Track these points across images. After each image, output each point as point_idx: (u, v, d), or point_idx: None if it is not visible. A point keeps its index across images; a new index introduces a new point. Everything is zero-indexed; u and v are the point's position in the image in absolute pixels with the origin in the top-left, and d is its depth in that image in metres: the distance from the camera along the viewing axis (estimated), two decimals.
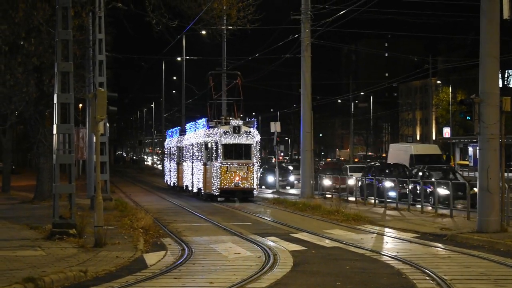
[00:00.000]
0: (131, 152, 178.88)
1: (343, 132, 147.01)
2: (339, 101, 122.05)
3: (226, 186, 38.36)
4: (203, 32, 45.88)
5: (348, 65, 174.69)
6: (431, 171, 36.71)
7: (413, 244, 20.56)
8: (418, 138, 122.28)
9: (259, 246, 19.53)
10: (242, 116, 42.79)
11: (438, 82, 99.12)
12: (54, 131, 20.45)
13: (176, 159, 51.14)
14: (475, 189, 24.41)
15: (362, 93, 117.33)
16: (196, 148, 42.61)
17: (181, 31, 38.57)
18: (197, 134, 43.01)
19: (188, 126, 48.26)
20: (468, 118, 22.99)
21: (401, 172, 40.21)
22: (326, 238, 21.68)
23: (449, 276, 14.63)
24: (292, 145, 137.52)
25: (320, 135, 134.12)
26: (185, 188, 46.79)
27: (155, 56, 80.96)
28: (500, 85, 26.76)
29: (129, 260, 16.76)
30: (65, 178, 20.99)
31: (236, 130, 38.79)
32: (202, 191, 40.74)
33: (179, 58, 78.47)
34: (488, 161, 21.77)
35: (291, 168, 58.55)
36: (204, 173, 40.21)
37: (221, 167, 38.29)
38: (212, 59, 64.20)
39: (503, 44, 22.59)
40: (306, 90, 40.60)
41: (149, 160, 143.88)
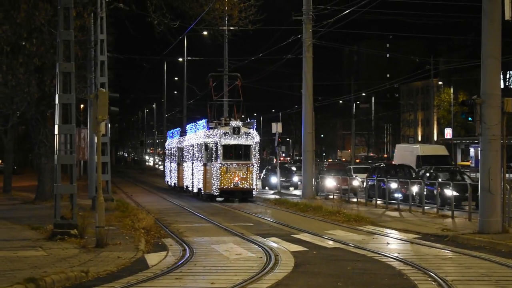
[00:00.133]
0: (132, 153, 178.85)
1: (345, 133, 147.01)
2: (340, 102, 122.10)
3: (225, 187, 38.58)
4: (205, 33, 45.98)
5: (350, 66, 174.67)
6: (438, 172, 36.33)
7: (414, 245, 20.56)
8: (419, 139, 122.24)
9: (260, 246, 19.53)
10: (243, 117, 42.95)
11: (440, 83, 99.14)
12: (56, 131, 20.46)
13: (177, 159, 51.29)
14: None
15: (363, 94, 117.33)
16: (196, 149, 42.80)
17: (183, 32, 38.65)
18: (197, 135, 43.20)
19: (188, 127, 48.46)
20: (469, 119, 22.98)
21: (407, 173, 39.90)
22: (328, 238, 21.69)
23: (450, 277, 14.63)
24: (293, 146, 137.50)
25: (322, 135, 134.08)
26: (185, 188, 46.93)
27: (157, 57, 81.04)
28: (502, 86, 26.83)
29: (131, 260, 16.76)
30: (66, 179, 21.00)
31: (236, 131, 39.02)
32: (202, 191, 40.94)
33: (180, 59, 78.53)
34: (490, 162, 21.77)
35: (294, 169, 58.35)
36: (204, 174, 40.41)
37: (221, 168, 38.51)
38: (213, 60, 64.27)
39: (504, 45, 22.55)
40: (308, 91, 40.60)
41: (150, 161, 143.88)
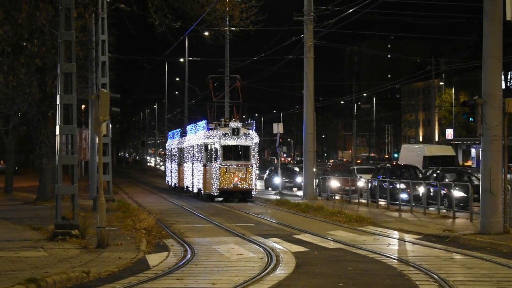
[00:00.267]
0: (133, 153, 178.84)
1: (346, 133, 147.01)
2: (341, 102, 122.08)
3: (225, 187, 38.87)
4: (206, 33, 46.02)
5: (351, 66, 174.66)
6: (445, 173, 36.00)
7: (415, 245, 20.55)
8: (420, 139, 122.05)
9: (261, 247, 19.52)
10: (244, 117, 43.15)
11: (441, 83, 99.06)
12: (57, 132, 20.46)
13: (177, 160, 51.59)
14: None
15: (364, 95, 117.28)
16: (197, 150, 43.09)
17: (184, 32, 38.60)
18: (197, 135, 43.51)
19: (188, 128, 48.76)
20: (470, 119, 22.97)
21: (413, 173, 39.61)
22: (329, 239, 21.68)
23: (451, 277, 14.62)
24: (294, 146, 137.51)
25: (323, 136, 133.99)
26: (185, 188, 47.21)
27: (158, 57, 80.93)
28: (503, 87, 26.83)
29: (132, 261, 16.76)
30: (67, 179, 20.99)
31: (235, 132, 39.32)
32: (202, 192, 41.28)
33: (182, 59, 78.56)
34: (491, 163, 21.76)
35: (297, 169, 58.16)
36: (204, 174, 40.72)
37: (220, 168, 38.79)
38: (214, 60, 64.23)
39: (506, 45, 22.52)
40: (309, 91, 40.59)
41: (152, 161, 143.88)
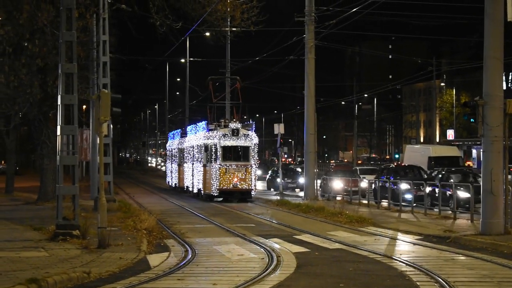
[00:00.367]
0: (134, 154, 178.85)
1: (347, 134, 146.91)
2: (342, 103, 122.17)
3: (225, 187, 39.22)
4: (207, 34, 46.04)
5: (352, 67, 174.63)
6: (451, 173, 35.66)
7: (416, 246, 20.56)
8: (421, 140, 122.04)
9: (262, 247, 19.53)
10: (245, 118, 43.42)
11: (442, 84, 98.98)
12: (58, 132, 20.46)
13: (178, 160, 51.91)
14: None
15: (365, 95, 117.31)
16: (197, 150, 43.40)
17: (185, 33, 38.64)
18: (197, 136, 43.88)
19: (189, 129, 49.13)
20: (472, 120, 22.97)
21: (417, 174, 39.36)
22: (330, 240, 21.68)
23: (452, 278, 14.62)
24: (295, 147, 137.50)
25: (324, 137, 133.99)
26: (185, 188, 47.52)
27: (159, 58, 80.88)
28: (504, 87, 26.81)
29: (133, 261, 16.76)
30: (68, 180, 21.00)
31: (235, 132, 39.69)
32: (202, 192, 41.60)
33: (183, 60, 78.57)
34: (492, 163, 21.76)
35: (300, 170, 57.99)
36: (204, 174, 41.04)
37: (220, 169, 39.15)
38: (216, 61, 64.26)
39: (507, 46, 22.53)
40: (310, 92, 40.60)
41: (153, 162, 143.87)
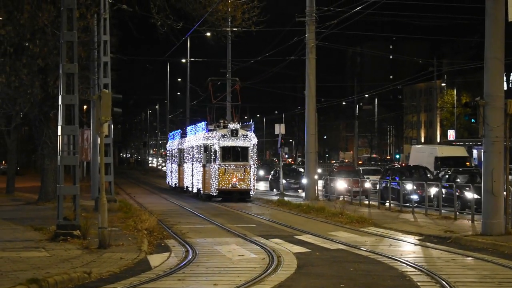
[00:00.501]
0: (135, 154, 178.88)
1: (348, 134, 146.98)
2: (343, 103, 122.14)
3: (224, 187, 39.52)
4: (208, 34, 46.01)
5: (353, 67, 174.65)
6: (458, 174, 35.20)
7: (417, 246, 20.56)
8: (422, 140, 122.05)
9: (263, 248, 19.53)
10: (246, 118, 43.67)
11: (443, 84, 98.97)
12: (59, 132, 20.46)
13: (178, 160, 52.33)
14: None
15: (366, 95, 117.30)
16: (196, 151, 43.76)
17: (186, 33, 38.63)
18: (197, 137, 44.23)
19: (188, 129, 49.49)
20: (472, 120, 22.98)
21: (422, 174, 39.01)
22: (330, 240, 21.68)
23: (453, 278, 14.62)
24: (296, 147, 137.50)
25: (325, 137, 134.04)
26: (185, 188, 47.83)
27: (160, 58, 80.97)
28: (505, 88, 26.77)
29: (133, 261, 16.76)
30: (69, 180, 21.00)
31: (234, 133, 39.98)
32: (201, 192, 41.89)
33: (183, 60, 78.57)
34: (493, 164, 21.76)
35: (303, 170, 57.72)
36: (203, 175, 41.36)
37: (219, 169, 39.46)
38: (216, 61, 64.24)
39: (507, 46, 22.53)
40: (311, 92, 40.60)
41: (154, 162, 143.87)
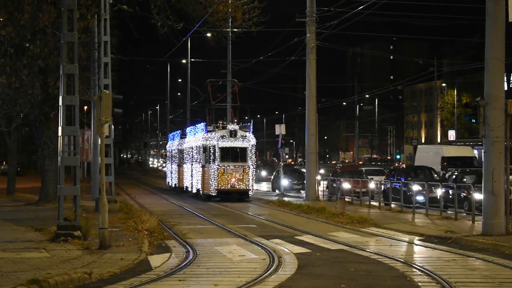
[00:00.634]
0: (136, 154, 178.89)
1: (348, 134, 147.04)
2: (344, 103, 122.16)
3: (223, 187, 39.84)
4: (208, 35, 46.05)
5: (353, 68, 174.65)
6: (465, 174, 34.50)
7: (417, 246, 20.57)
8: (423, 141, 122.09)
9: (263, 248, 19.52)
10: (246, 119, 43.89)
11: (443, 84, 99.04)
12: (59, 133, 20.46)
13: (177, 161, 52.72)
14: None
15: (367, 96, 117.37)
16: (196, 151, 44.15)
17: (186, 34, 38.60)
18: (196, 137, 44.57)
19: (188, 130, 49.81)
20: (473, 121, 23.01)
21: (427, 175, 38.58)
22: (331, 240, 21.67)
23: (453, 279, 14.62)
24: (297, 148, 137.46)
25: (325, 137, 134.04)
26: (185, 189, 48.17)
27: (161, 59, 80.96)
28: (506, 88, 26.74)
29: (134, 262, 16.75)
30: (70, 180, 21.00)
31: (233, 134, 40.32)
32: (201, 192, 42.23)
33: (184, 61, 78.57)
34: (493, 164, 21.76)
35: (305, 170, 57.40)
36: (203, 175, 41.70)
37: (218, 169, 39.80)
38: (217, 62, 64.21)
39: (508, 47, 22.54)
40: (311, 93, 40.60)
41: (155, 163, 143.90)
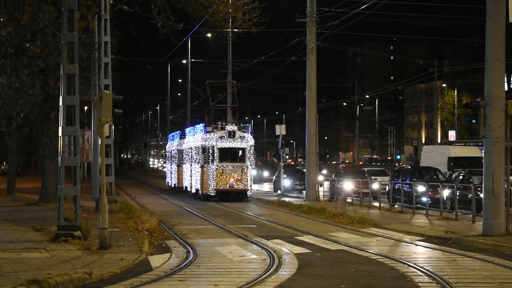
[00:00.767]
0: (136, 155, 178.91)
1: (348, 135, 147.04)
2: (344, 104, 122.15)
3: (221, 187, 40.13)
4: (209, 35, 46.07)
5: (354, 68, 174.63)
6: (472, 175, 33.50)
7: (418, 247, 20.56)
8: (423, 141, 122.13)
9: (263, 248, 19.52)
10: (247, 119, 44.24)
11: (444, 85, 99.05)
12: (60, 133, 20.46)
13: (177, 161, 53.08)
14: None
15: (367, 96, 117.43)
16: (195, 152, 44.51)
17: (187, 34, 38.59)
18: (195, 138, 44.99)
19: (187, 131, 50.15)
20: (473, 121, 22.99)
21: (433, 176, 38.11)
22: (331, 241, 21.67)
23: (454, 279, 14.62)
24: (297, 148, 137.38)
25: (325, 138, 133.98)
26: (184, 189, 48.50)
27: (161, 59, 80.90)
28: (506, 89, 26.72)
29: (134, 262, 16.76)
30: (70, 180, 20.99)
31: (231, 135, 40.65)
32: (200, 192, 42.51)
33: (184, 61, 78.59)
34: (494, 164, 21.77)
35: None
36: (202, 175, 41.98)
37: (217, 170, 40.10)
38: (217, 62, 64.23)
39: (508, 47, 22.56)
40: (311, 93, 40.61)
41: (155, 163, 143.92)
